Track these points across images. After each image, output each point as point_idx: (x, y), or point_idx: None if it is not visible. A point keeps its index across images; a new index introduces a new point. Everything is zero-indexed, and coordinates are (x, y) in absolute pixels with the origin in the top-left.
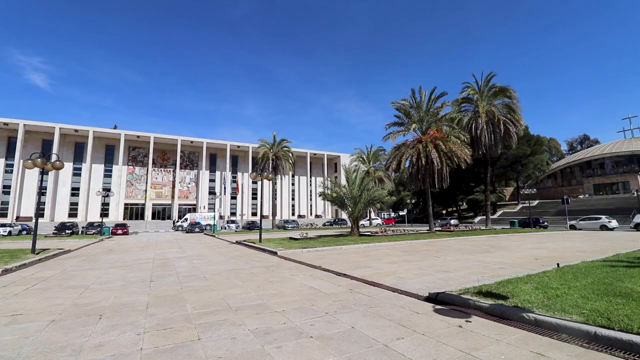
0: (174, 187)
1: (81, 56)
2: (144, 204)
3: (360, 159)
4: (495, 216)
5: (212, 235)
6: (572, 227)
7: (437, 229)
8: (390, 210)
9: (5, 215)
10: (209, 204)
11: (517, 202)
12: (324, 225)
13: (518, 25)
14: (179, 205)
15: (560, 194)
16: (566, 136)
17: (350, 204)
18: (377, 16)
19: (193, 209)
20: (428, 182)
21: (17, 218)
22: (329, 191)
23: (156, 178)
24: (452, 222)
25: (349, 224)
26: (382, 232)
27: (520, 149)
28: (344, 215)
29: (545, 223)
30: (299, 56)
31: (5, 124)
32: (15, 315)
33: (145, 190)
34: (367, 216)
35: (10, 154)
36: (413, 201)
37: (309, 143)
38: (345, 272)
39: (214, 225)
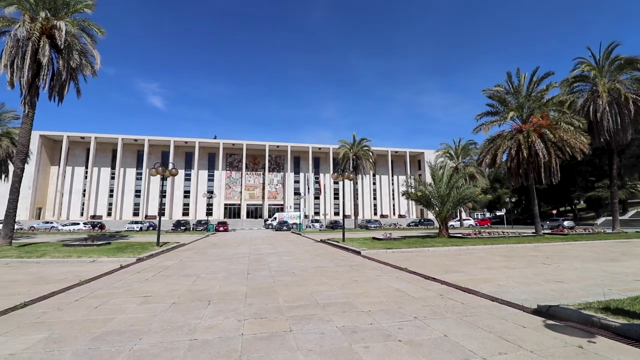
0: (263, 188)
1: (187, 78)
2: (239, 204)
3: (447, 154)
4: (626, 217)
5: (298, 234)
6: None
7: (546, 231)
8: (485, 210)
9: (137, 214)
10: (294, 203)
11: None
12: (409, 225)
13: None
14: (269, 205)
15: None
16: None
17: (437, 203)
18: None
19: (280, 208)
20: (532, 177)
21: (146, 216)
22: (413, 190)
23: (249, 181)
24: (566, 223)
25: (436, 224)
26: (475, 234)
27: None
28: (430, 215)
29: None
30: (376, 54)
31: (135, 140)
32: (147, 297)
33: (240, 192)
34: (456, 216)
35: (139, 164)
36: (513, 200)
37: (389, 141)
38: (435, 275)
39: (299, 224)
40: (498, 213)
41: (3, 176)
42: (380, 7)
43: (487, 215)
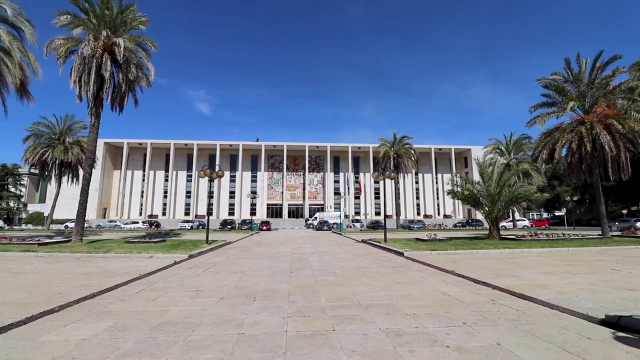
0: (304, 188)
1: (230, 83)
2: (281, 204)
3: (497, 150)
4: None
5: (338, 234)
6: None
7: (615, 233)
8: (542, 210)
9: (188, 214)
10: (334, 203)
11: None
12: (455, 226)
13: None
14: (309, 205)
15: None
16: None
17: (486, 202)
18: None
19: (321, 208)
20: (597, 173)
21: (196, 216)
22: (459, 189)
23: (290, 181)
24: (639, 224)
25: (486, 225)
26: (530, 235)
27: None
28: (478, 215)
29: None
30: (416, 48)
31: (185, 144)
32: (198, 291)
33: (282, 192)
34: (509, 217)
35: (189, 167)
36: (575, 198)
37: (432, 138)
38: (485, 279)
39: (340, 224)
40: (557, 213)
41: (74, 180)
42: (417, 4)
43: (545, 215)
